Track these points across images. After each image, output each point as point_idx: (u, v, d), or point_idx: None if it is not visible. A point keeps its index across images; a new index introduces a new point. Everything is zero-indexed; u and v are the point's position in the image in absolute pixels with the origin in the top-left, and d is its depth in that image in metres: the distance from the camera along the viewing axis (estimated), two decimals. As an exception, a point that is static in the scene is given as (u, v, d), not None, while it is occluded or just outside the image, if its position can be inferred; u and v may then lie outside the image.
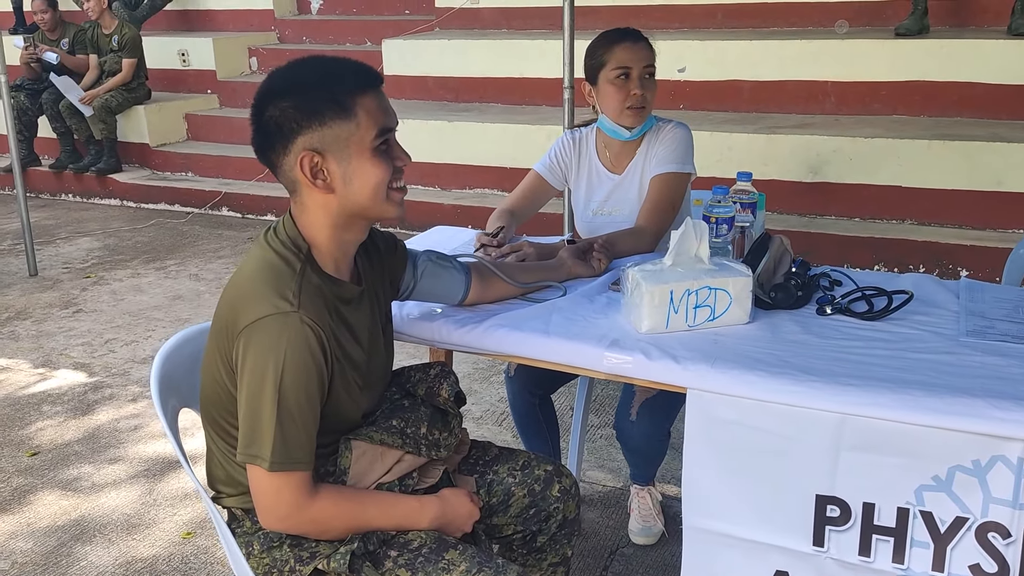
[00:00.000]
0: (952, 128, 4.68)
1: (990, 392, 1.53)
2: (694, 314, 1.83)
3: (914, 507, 1.56)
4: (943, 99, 4.87)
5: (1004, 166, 4.31)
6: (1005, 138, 4.41)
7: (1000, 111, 4.76)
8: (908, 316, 1.86)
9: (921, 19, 4.99)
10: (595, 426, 3.20)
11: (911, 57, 4.92)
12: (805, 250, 4.53)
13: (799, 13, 5.60)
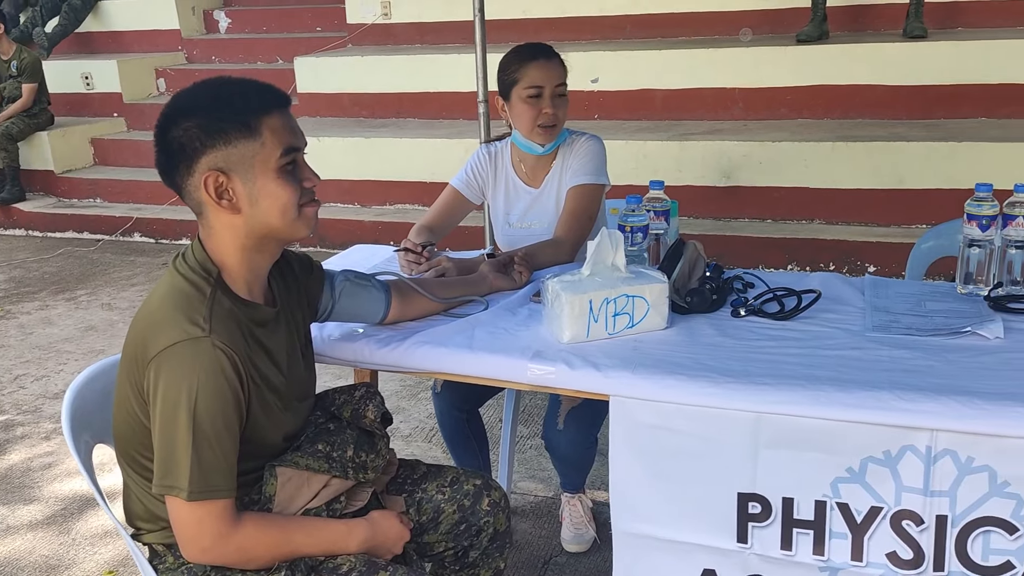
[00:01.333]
0: (855, 130, 4.86)
1: (897, 385, 1.59)
2: (614, 322, 1.85)
3: (831, 499, 1.61)
4: (845, 102, 5.05)
5: (905, 164, 4.49)
6: (905, 137, 4.60)
7: (899, 112, 4.96)
8: (817, 314, 1.93)
9: (821, 25, 5.17)
10: (524, 436, 3.21)
11: (813, 62, 5.09)
12: (721, 252, 4.70)
13: (704, 23, 5.75)
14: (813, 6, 5.18)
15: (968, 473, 1.53)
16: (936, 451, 1.54)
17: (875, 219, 4.60)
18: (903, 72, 4.92)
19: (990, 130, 4.63)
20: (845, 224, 4.67)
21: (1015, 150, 4.34)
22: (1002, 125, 4.71)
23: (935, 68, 4.86)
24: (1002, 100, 4.79)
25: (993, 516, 1.53)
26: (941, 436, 1.53)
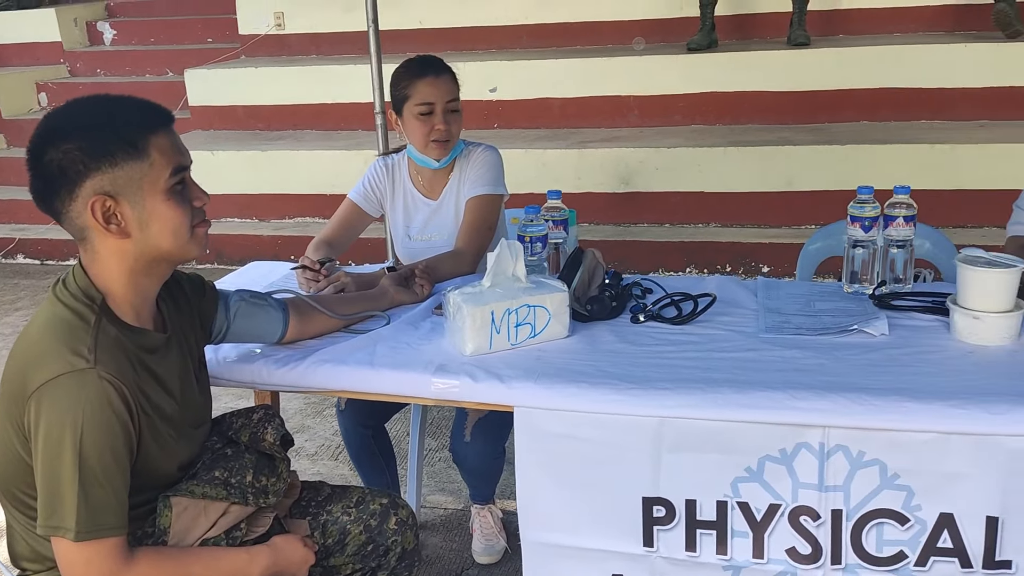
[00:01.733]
0: (745, 135, 5.00)
1: (790, 384, 1.64)
2: (516, 332, 1.86)
3: (732, 499, 1.65)
4: (735, 108, 5.20)
5: (793, 167, 4.65)
6: (792, 141, 4.77)
7: (787, 116, 5.13)
8: (713, 317, 1.97)
9: (709, 34, 5.32)
10: (433, 449, 3.19)
11: (704, 70, 5.23)
12: (622, 257, 4.78)
13: (598, 32, 5.84)
14: (702, 16, 5.32)
15: (860, 467, 1.59)
16: (829, 447, 1.59)
17: (767, 221, 4.75)
18: (789, 79, 5.09)
19: (872, 133, 4.84)
20: (740, 226, 4.81)
21: (894, 151, 4.55)
22: (883, 128, 4.93)
23: (819, 74, 5.05)
24: (882, 104, 5.01)
25: (885, 508, 1.60)
26: (833, 432, 1.59)
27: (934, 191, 4.43)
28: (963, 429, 1.53)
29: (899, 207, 2.02)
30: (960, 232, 4.28)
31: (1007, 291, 1.76)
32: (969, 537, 1.57)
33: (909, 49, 5.01)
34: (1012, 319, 1.76)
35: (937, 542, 1.58)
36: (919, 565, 1.59)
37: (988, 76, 4.85)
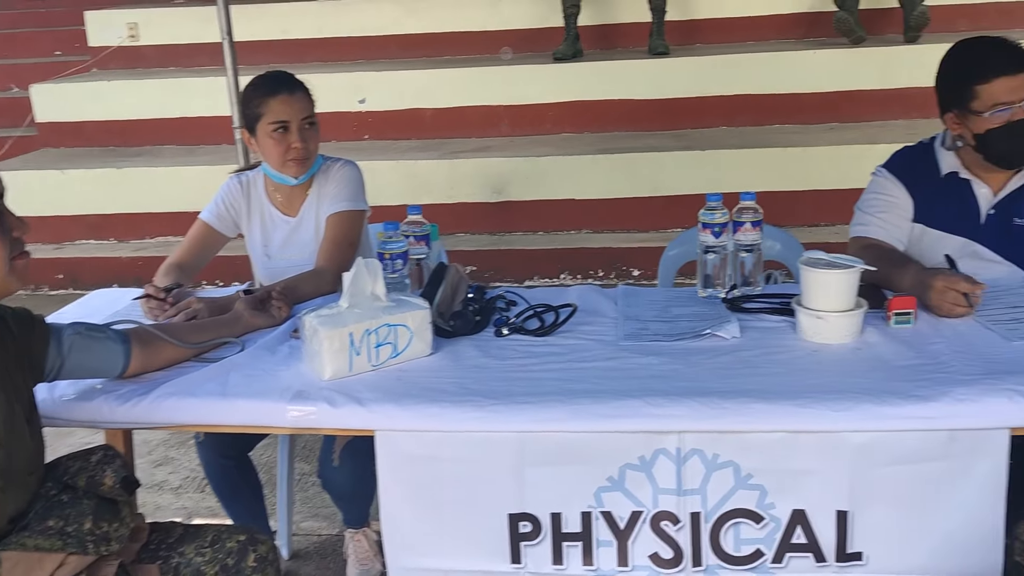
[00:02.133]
0: (613, 142, 5.10)
1: (647, 391, 1.66)
2: (376, 353, 1.82)
3: (595, 509, 1.66)
4: (602, 116, 5.30)
5: (659, 173, 4.77)
6: (657, 147, 4.90)
7: (651, 123, 5.27)
8: (576, 327, 1.98)
9: (574, 44, 5.40)
10: (306, 474, 3.09)
11: (570, 79, 5.31)
12: (497, 267, 4.79)
13: (467, 42, 5.85)
14: (566, 26, 5.40)
15: (715, 470, 1.63)
16: (685, 452, 1.62)
17: (636, 226, 4.85)
18: (651, 87, 5.23)
19: (730, 138, 5.02)
20: (611, 232, 4.89)
21: (752, 155, 4.73)
22: (740, 133, 5.12)
23: (679, 82, 5.21)
24: (739, 110, 5.21)
25: (741, 508, 1.63)
26: (688, 437, 1.62)
27: (790, 192, 4.63)
28: (809, 427, 1.59)
29: (746, 212, 2.08)
30: (815, 231, 4.48)
31: (847, 291, 1.83)
32: (821, 532, 1.62)
33: (762, 57, 5.23)
34: (853, 318, 1.83)
35: (791, 538, 1.63)
36: (776, 562, 1.64)
37: (836, 81, 5.11)
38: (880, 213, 2.22)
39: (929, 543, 1.60)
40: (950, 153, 2.19)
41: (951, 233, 2.17)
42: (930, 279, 1.90)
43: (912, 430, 1.57)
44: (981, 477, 1.56)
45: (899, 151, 2.31)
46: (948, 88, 2.14)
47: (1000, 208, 2.15)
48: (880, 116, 4.99)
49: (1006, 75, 2.02)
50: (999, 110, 2.02)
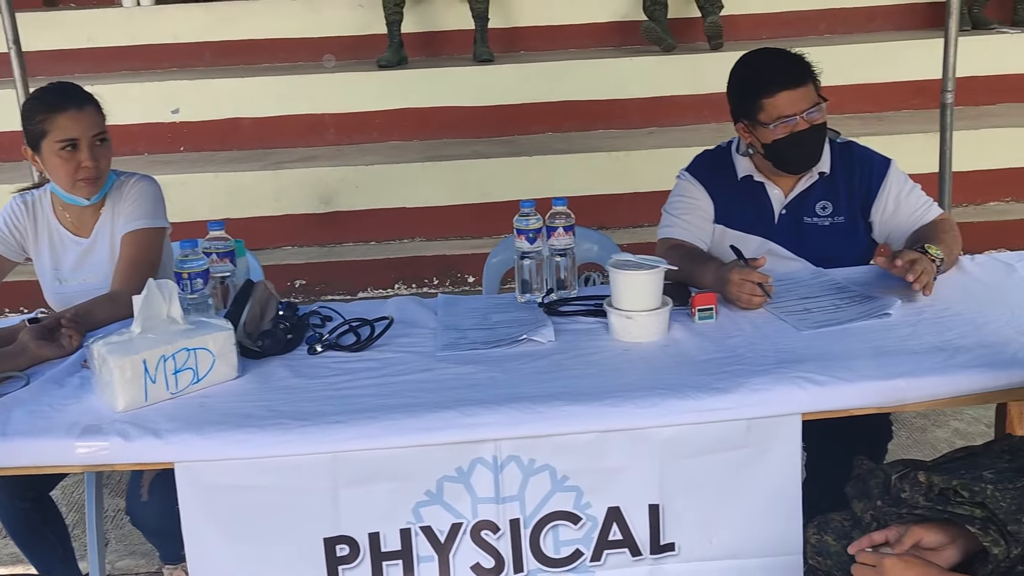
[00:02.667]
0: (442, 149, 5.09)
1: (462, 401, 1.65)
2: (175, 380, 1.72)
3: (414, 525, 1.63)
4: (430, 124, 5.28)
5: (488, 179, 4.80)
6: (485, 154, 4.92)
7: (479, 131, 5.29)
8: (393, 340, 1.95)
9: (398, 51, 5.36)
10: (121, 509, 2.90)
11: (396, 87, 5.26)
12: (328, 279, 4.67)
13: (286, 49, 5.69)
14: (389, 33, 5.35)
15: (532, 475, 1.63)
16: (501, 459, 1.62)
17: (470, 232, 4.85)
18: (478, 94, 5.25)
19: (556, 143, 5.11)
20: (444, 239, 4.88)
21: (577, 160, 4.84)
22: (566, 138, 5.22)
23: (505, 89, 5.25)
24: (564, 116, 5.31)
25: (559, 510, 1.65)
26: (504, 444, 1.62)
27: (614, 195, 4.77)
28: (619, 425, 1.62)
29: (559, 217, 2.11)
30: (638, 232, 4.63)
31: (653, 291, 1.89)
32: (636, 527, 1.66)
33: (584, 64, 5.36)
34: (659, 316, 1.89)
35: (608, 535, 1.66)
36: (594, 560, 1.66)
37: (652, 87, 5.30)
38: (684, 215, 2.31)
39: (735, 527, 1.67)
40: (744, 158, 2.31)
41: (749, 233, 2.29)
42: (727, 273, 1.99)
43: (713, 421, 1.62)
44: (777, 461, 1.64)
45: (699, 155, 2.42)
46: (737, 100, 2.25)
47: (791, 208, 2.29)
48: (693, 120, 5.21)
49: (788, 89, 2.14)
50: (783, 122, 2.15)
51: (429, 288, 4.66)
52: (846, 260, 2.25)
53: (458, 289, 4.64)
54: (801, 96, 2.16)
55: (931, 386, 1.66)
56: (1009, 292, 2.03)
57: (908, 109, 5.32)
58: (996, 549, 1.38)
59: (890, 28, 5.93)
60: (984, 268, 2.18)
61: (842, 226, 2.26)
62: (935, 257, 2.04)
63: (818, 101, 2.19)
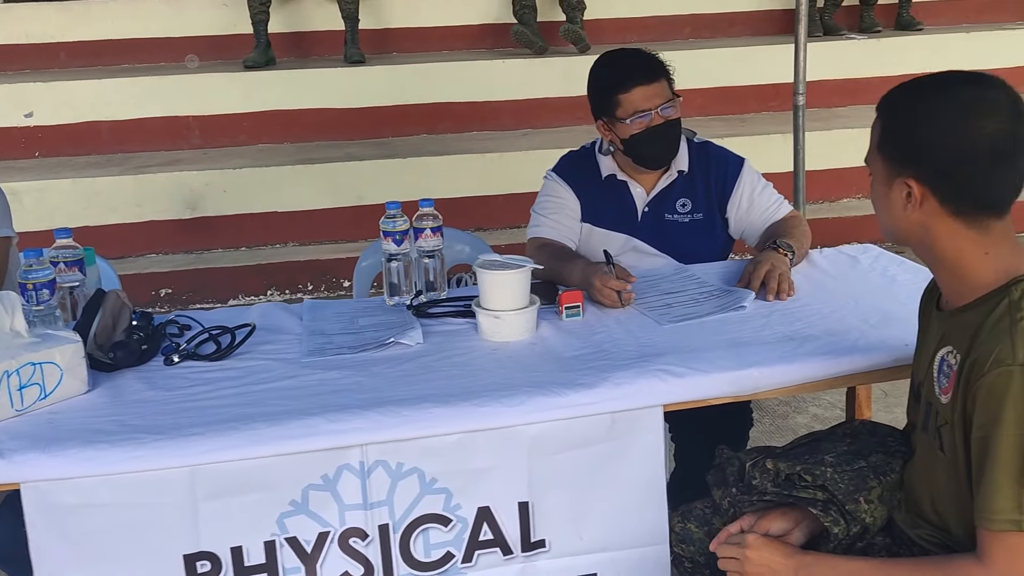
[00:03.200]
0: (313, 152, 5.00)
1: (327, 407, 1.62)
2: (20, 397, 1.62)
3: (279, 536, 1.58)
4: (301, 126, 5.18)
5: (361, 182, 4.74)
6: (358, 156, 4.87)
7: (352, 133, 5.22)
8: (256, 348, 1.90)
9: (266, 52, 5.23)
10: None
11: (264, 88, 5.14)
12: (196, 287, 4.51)
13: (147, 49, 5.47)
14: (255, 33, 5.22)
15: (400, 478, 1.62)
16: (369, 464, 1.60)
17: (343, 236, 4.78)
18: (350, 95, 5.19)
19: (431, 145, 5.10)
20: (318, 244, 4.79)
21: (452, 161, 4.85)
22: (441, 140, 5.22)
23: (378, 91, 5.21)
24: (438, 118, 5.31)
25: (428, 513, 1.64)
26: (371, 449, 1.60)
27: (488, 196, 4.81)
28: (487, 425, 1.62)
29: (426, 219, 2.11)
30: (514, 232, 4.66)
31: (519, 290, 1.90)
32: (506, 525, 1.66)
33: (457, 66, 5.37)
34: (527, 315, 1.91)
35: (479, 536, 1.66)
36: (466, 562, 1.66)
37: (525, 89, 5.36)
38: (552, 214, 2.35)
39: (604, 520, 1.70)
40: (607, 157, 2.37)
41: (614, 231, 2.34)
42: (591, 277, 2.03)
43: (579, 417, 1.65)
44: (641, 453, 1.68)
45: (565, 155, 2.47)
46: (595, 98, 2.31)
47: (652, 206, 2.36)
48: (566, 122, 5.30)
49: (642, 85, 2.22)
50: (639, 116, 2.22)
51: (303, 294, 4.57)
52: (706, 255, 2.34)
53: (333, 294, 4.57)
54: (655, 92, 2.23)
55: (782, 374, 1.74)
56: (853, 283, 2.15)
57: (767, 111, 5.58)
58: (836, 528, 1.46)
59: (749, 33, 6.20)
60: (831, 261, 2.30)
61: (701, 222, 2.35)
62: (786, 252, 2.15)
63: (671, 97, 2.26)
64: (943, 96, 1.33)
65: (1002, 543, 1.25)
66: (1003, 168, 1.30)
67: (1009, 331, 1.26)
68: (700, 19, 6.15)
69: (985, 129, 1.29)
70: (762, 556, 1.44)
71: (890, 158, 1.37)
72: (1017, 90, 1.33)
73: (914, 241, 1.39)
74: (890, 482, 1.51)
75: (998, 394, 1.24)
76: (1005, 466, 1.23)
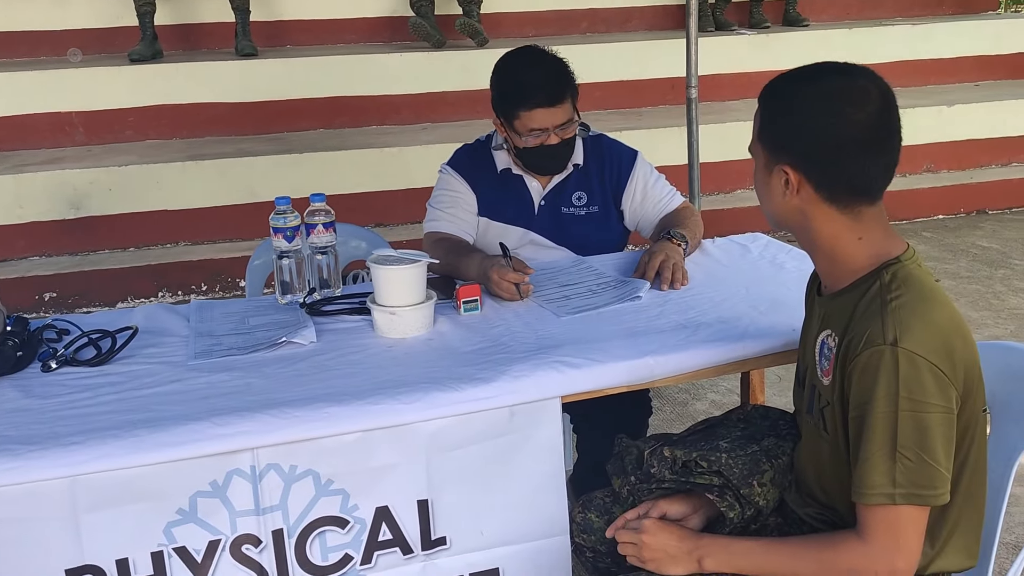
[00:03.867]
0: (204, 148, 4.84)
1: (215, 411, 1.56)
2: None
3: (167, 547, 1.52)
4: (191, 120, 5.01)
5: (255, 178, 4.61)
6: (252, 152, 4.73)
7: (245, 128, 5.08)
8: (139, 351, 1.82)
9: (152, 44, 5.04)
10: None
11: (152, 82, 4.94)
12: (83, 290, 4.31)
13: (27, 43, 5.20)
14: (141, 25, 5.02)
15: (294, 481, 1.57)
16: (260, 468, 1.55)
17: (238, 234, 4.65)
18: (243, 89, 5.04)
19: (328, 140, 5.00)
20: (211, 243, 4.65)
21: (350, 156, 4.76)
22: (338, 135, 5.13)
23: (271, 84, 5.08)
24: (335, 112, 5.21)
25: (325, 516, 1.60)
26: (262, 453, 1.55)
27: (389, 192, 4.75)
28: (383, 423, 1.60)
29: (317, 214, 2.06)
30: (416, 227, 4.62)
31: (415, 285, 1.87)
32: (406, 524, 1.64)
33: (353, 59, 5.28)
34: (423, 310, 1.88)
35: (378, 536, 1.63)
36: (365, 563, 1.63)
37: (424, 83, 5.31)
38: (448, 208, 2.33)
39: (504, 514, 1.69)
40: (501, 151, 2.36)
41: (511, 224, 2.33)
42: (488, 271, 2.02)
43: (477, 411, 1.64)
44: (540, 445, 1.68)
45: (460, 149, 2.44)
46: (497, 97, 2.28)
47: (549, 199, 2.36)
48: (466, 116, 5.27)
49: (543, 107, 2.18)
50: (535, 135, 2.21)
51: (197, 295, 4.42)
52: (602, 247, 2.36)
53: (228, 295, 4.43)
54: (556, 114, 2.20)
55: (676, 361, 1.76)
56: (744, 271, 2.21)
57: (664, 105, 5.68)
58: (731, 513, 1.49)
59: (645, 28, 6.31)
60: (723, 249, 2.35)
61: (597, 215, 2.36)
62: (680, 242, 2.18)
63: (572, 117, 2.24)
64: (815, 86, 1.37)
65: (878, 516, 1.30)
66: (873, 155, 1.35)
67: (880, 312, 1.31)
68: (597, 13, 6.21)
69: (855, 117, 1.33)
70: (658, 540, 1.45)
71: (769, 146, 1.40)
72: (898, 84, 1.39)
73: (794, 227, 1.43)
74: (781, 464, 1.55)
75: (871, 373, 1.28)
76: (878, 442, 1.28)
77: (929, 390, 1.27)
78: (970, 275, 4.48)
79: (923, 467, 1.27)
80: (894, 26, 6.28)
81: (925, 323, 1.29)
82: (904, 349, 1.27)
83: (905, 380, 1.26)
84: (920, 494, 1.28)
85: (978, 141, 5.73)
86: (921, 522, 1.31)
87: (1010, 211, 5.55)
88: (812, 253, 1.45)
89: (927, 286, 1.35)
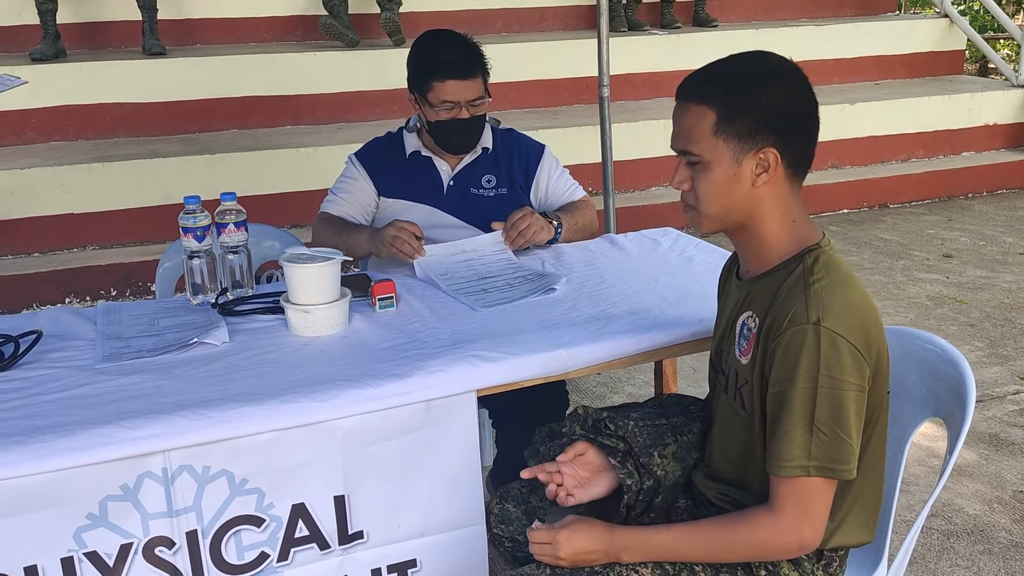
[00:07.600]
0: (112, 149, 4.71)
1: (123, 414, 1.53)
2: None
3: (77, 552, 1.49)
4: (97, 121, 4.87)
5: (167, 180, 4.50)
6: (162, 153, 4.62)
7: (154, 128, 4.96)
8: (44, 356, 1.77)
9: (54, 43, 4.88)
10: None
11: (55, 82, 4.78)
12: (-15, 299, 4.15)
13: (-83, 40, 4.99)
14: (43, 23, 4.85)
15: (207, 482, 1.56)
16: (172, 470, 1.53)
17: (150, 237, 4.55)
18: (151, 89, 4.92)
19: (241, 140, 4.93)
20: (121, 246, 4.53)
21: (264, 156, 4.69)
22: (252, 135, 5.05)
23: (181, 84, 4.97)
24: (248, 112, 5.13)
25: (240, 515, 1.59)
26: (174, 455, 1.53)
27: (304, 192, 4.69)
28: (298, 422, 1.59)
29: (228, 214, 2.03)
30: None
31: (329, 282, 1.87)
32: (322, 520, 1.64)
33: (265, 58, 5.21)
34: (338, 308, 1.88)
35: (295, 533, 1.63)
36: (281, 560, 1.62)
37: (339, 82, 5.27)
38: (344, 193, 2.44)
39: (421, 507, 1.70)
40: (413, 135, 2.44)
41: (417, 202, 2.41)
42: (381, 231, 2.17)
43: (393, 407, 1.64)
44: (456, 438, 1.70)
45: (370, 141, 2.56)
46: (413, 74, 2.36)
47: (458, 180, 2.45)
48: (382, 115, 5.26)
49: (456, 79, 2.29)
50: (447, 107, 2.29)
51: (107, 300, 4.30)
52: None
53: (139, 299, 4.32)
54: (468, 87, 2.30)
55: (589, 353, 1.80)
56: (654, 264, 2.27)
57: (579, 103, 5.76)
58: (630, 480, 1.52)
59: (560, 28, 6.38)
60: (635, 243, 2.41)
61: (506, 196, 2.45)
62: (553, 219, 2.34)
63: (483, 95, 2.33)
64: (763, 67, 1.43)
65: (791, 488, 1.36)
66: (817, 121, 1.44)
67: (804, 293, 1.37)
68: (512, 13, 6.26)
69: (805, 85, 1.43)
70: (573, 544, 1.45)
71: (738, 136, 1.40)
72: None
73: (740, 217, 1.45)
74: (686, 441, 1.60)
75: (794, 350, 1.34)
76: (796, 417, 1.34)
77: (847, 368, 1.33)
78: (873, 266, 4.68)
79: (837, 442, 1.34)
80: (799, 27, 6.49)
81: (845, 305, 1.36)
82: (826, 328, 1.33)
83: (825, 358, 1.32)
84: (832, 467, 1.34)
85: (879, 138, 5.98)
86: (829, 495, 1.37)
87: (910, 204, 5.81)
88: (746, 240, 1.48)
89: (845, 271, 1.42)
